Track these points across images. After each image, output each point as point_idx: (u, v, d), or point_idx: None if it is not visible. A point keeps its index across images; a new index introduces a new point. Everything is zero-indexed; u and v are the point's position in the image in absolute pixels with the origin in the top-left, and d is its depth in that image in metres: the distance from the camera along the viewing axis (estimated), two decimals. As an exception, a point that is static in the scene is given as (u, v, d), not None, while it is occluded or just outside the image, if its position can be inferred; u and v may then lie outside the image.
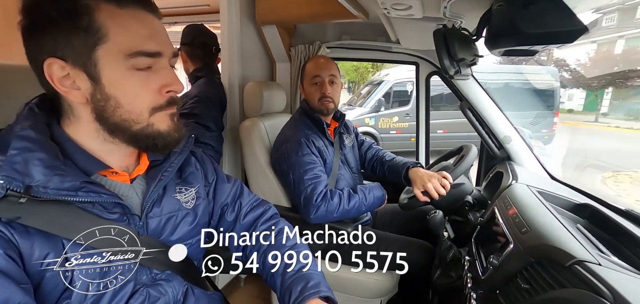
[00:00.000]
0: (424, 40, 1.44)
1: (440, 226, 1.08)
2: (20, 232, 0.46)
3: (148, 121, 0.53)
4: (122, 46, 0.49)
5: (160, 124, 0.55)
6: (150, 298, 0.58)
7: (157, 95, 0.54)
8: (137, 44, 0.50)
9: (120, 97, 0.51)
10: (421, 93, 1.77)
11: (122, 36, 0.49)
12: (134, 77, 0.51)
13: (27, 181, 0.45)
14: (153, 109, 0.53)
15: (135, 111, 0.52)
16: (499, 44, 0.79)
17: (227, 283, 1.77)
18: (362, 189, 1.21)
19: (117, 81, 0.50)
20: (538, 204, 0.91)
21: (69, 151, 0.53)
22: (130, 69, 0.50)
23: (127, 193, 0.59)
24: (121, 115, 0.51)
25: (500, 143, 1.43)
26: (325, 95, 1.30)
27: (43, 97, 0.54)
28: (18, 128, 0.48)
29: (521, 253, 0.75)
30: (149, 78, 0.52)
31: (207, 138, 1.41)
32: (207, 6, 1.99)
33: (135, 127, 0.53)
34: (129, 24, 0.50)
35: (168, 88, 0.54)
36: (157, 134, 0.55)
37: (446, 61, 0.95)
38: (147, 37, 0.51)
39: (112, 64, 0.49)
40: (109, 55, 0.49)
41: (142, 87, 0.52)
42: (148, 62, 0.52)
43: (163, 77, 0.54)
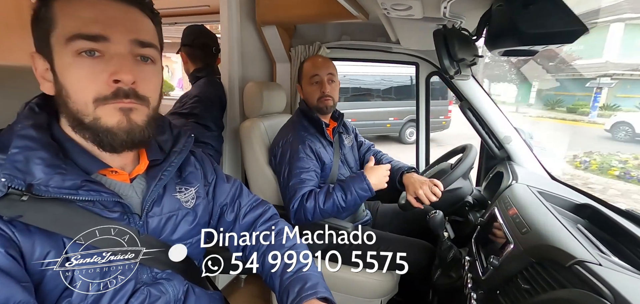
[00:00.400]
0: (424, 41, 1.44)
1: (440, 226, 1.08)
2: (21, 230, 0.46)
3: (94, 113, 0.49)
4: (64, 29, 0.47)
5: (108, 119, 0.50)
6: (151, 296, 0.58)
7: (102, 85, 0.48)
8: (77, 27, 0.47)
9: (67, 86, 0.48)
10: (421, 93, 1.77)
11: (67, 21, 0.47)
12: (79, 65, 0.48)
13: (28, 179, 0.46)
14: (97, 100, 0.49)
15: (80, 102, 0.49)
16: (499, 44, 0.79)
17: (227, 283, 1.77)
18: (342, 187, 1.18)
19: (64, 69, 0.48)
20: (538, 204, 0.91)
21: (69, 150, 0.53)
22: (74, 56, 0.47)
23: (127, 192, 0.59)
24: (71, 106, 0.49)
25: (500, 143, 1.43)
26: (325, 93, 1.30)
27: (44, 97, 0.55)
28: (19, 127, 0.49)
29: (521, 253, 0.75)
30: (96, 66, 0.48)
31: (207, 138, 1.41)
32: (207, 7, 1.99)
33: (85, 120, 0.49)
34: (76, 8, 0.48)
35: (114, 77, 0.48)
36: (103, 130, 0.50)
37: (446, 61, 0.95)
38: (91, 20, 0.47)
39: (60, 50, 0.48)
40: (57, 41, 0.48)
41: (86, 76, 0.48)
42: (89, 46, 0.47)
43: (111, 65, 0.48)
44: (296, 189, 1.18)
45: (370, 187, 1.16)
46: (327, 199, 1.15)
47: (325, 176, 1.30)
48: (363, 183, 1.17)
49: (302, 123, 1.33)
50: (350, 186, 1.16)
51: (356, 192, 1.16)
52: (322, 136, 1.32)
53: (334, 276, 1.17)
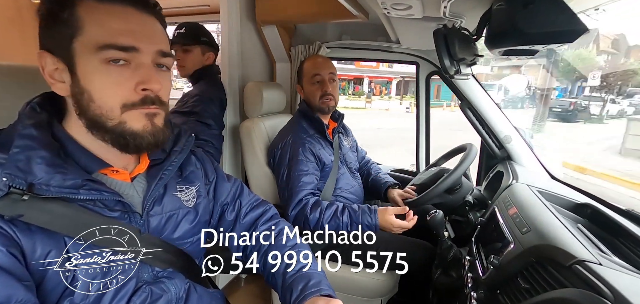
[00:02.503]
0: (424, 40, 1.44)
1: (440, 226, 1.08)
2: (22, 230, 0.46)
3: (120, 118, 0.52)
4: (94, 39, 0.49)
5: (134, 123, 0.53)
6: (153, 295, 0.58)
7: (131, 92, 0.52)
8: (109, 37, 0.49)
9: (92, 91, 0.50)
10: (421, 93, 1.77)
11: (96, 29, 0.49)
12: (107, 72, 0.50)
13: (29, 178, 0.46)
14: (124, 106, 0.51)
15: (106, 107, 0.51)
16: (499, 43, 0.79)
17: (227, 283, 1.77)
18: (350, 216, 1.14)
19: (90, 74, 0.50)
20: (538, 203, 0.91)
21: (70, 149, 0.53)
22: (103, 63, 0.49)
23: (128, 191, 0.59)
24: (94, 110, 0.51)
25: (500, 143, 1.43)
26: (327, 93, 1.30)
27: (44, 96, 0.55)
28: (20, 127, 0.49)
29: (522, 253, 0.75)
30: (124, 74, 0.51)
31: (207, 135, 1.42)
32: (207, 6, 1.99)
33: (109, 123, 0.51)
34: (105, 18, 0.49)
35: (143, 85, 0.52)
36: (130, 133, 0.53)
37: (446, 61, 0.95)
38: (121, 32, 0.50)
39: (86, 56, 0.49)
40: (83, 47, 0.49)
41: (114, 83, 0.50)
42: (121, 55, 0.50)
43: (139, 74, 0.52)
44: (295, 193, 1.17)
45: (377, 227, 1.13)
46: (332, 219, 1.13)
47: (325, 177, 1.30)
48: (372, 222, 1.13)
49: (301, 124, 1.33)
50: (359, 218, 1.13)
51: (361, 225, 1.13)
52: (322, 137, 1.32)
53: (334, 275, 1.17)
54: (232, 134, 1.64)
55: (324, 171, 1.29)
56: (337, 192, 1.33)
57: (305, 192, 1.17)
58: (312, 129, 1.33)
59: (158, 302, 0.59)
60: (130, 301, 0.55)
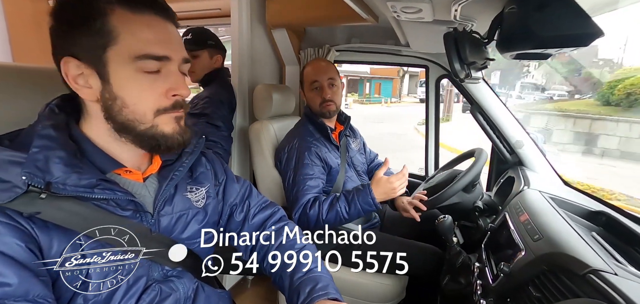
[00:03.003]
0: (433, 44, 1.43)
1: (449, 231, 1.06)
2: (40, 227, 0.47)
3: (152, 122, 0.55)
4: (130, 49, 0.51)
5: (165, 126, 0.56)
6: (162, 293, 0.59)
7: (162, 98, 0.55)
8: (144, 47, 0.52)
9: (126, 97, 0.52)
10: (431, 96, 1.75)
11: (131, 39, 0.51)
12: (141, 79, 0.53)
13: (47, 177, 0.47)
14: (157, 111, 0.55)
15: (139, 112, 0.53)
16: (511, 47, 0.78)
17: (234, 284, 1.78)
18: (346, 198, 1.16)
19: (124, 82, 0.52)
20: (551, 210, 0.89)
21: (86, 150, 0.54)
22: (137, 71, 0.52)
23: (140, 191, 0.60)
24: (126, 115, 0.53)
25: (511, 148, 1.40)
26: (325, 99, 1.30)
27: (63, 98, 0.57)
28: (39, 127, 0.50)
29: (533, 261, 0.73)
30: (156, 81, 0.54)
31: (217, 137, 1.43)
32: (218, 10, 2.01)
33: (140, 127, 0.54)
34: (139, 28, 0.52)
35: (174, 92, 0.56)
36: (161, 136, 0.56)
37: (456, 65, 0.94)
38: (156, 42, 0.53)
39: (121, 65, 0.51)
40: (118, 56, 0.51)
41: (148, 89, 0.53)
42: (155, 65, 0.53)
43: (170, 81, 0.55)
44: (300, 196, 1.18)
45: (375, 201, 1.14)
46: (330, 210, 1.14)
47: (333, 180, 1.30)
48: (368, 197, 1.14)
49: (307, 128, 1.33)
50: (355, 199, 1.14)
51: (360, 205, 1.14)
52: (327, 141, 1.32)
53: (341, 279, 1.16)
54: (241, 136, 1.66)
55: (330, 174, 1.29)
56: (345, 195, 1.32)
57: (310, 196, 1.18)
58: (318, 132, 1.33)
59: (167, 300, 0.60)
60: (140, 299, 0.56)
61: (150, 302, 0.58)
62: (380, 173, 1.18)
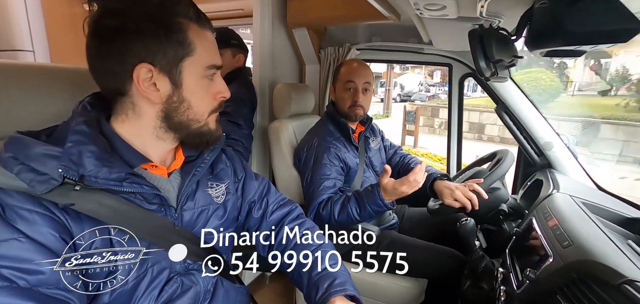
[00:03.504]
0: (457, 41, 1.39)
1: (471, 235, 1.03)
2: (73, 218, 0.50)
3: (206, 120, 0.62)
4: (202, 59, 0.58)
5: (212, 124, 0.64)
6: (183, 286, 0.61)
7: (213, 100, 0.63)
8: (211, 59, 0.60)
9: (192, 100, 0.59)
10: (454, 96, 1.71)
11: (203, 51, 0.58)
12: (204, 85, 0.60)
13: (80, 170, 0.50)
14: (210, 112, 0.63)
15: (200, 112, 0.61)
16: (542, 44, 0.74)
17: (252, 280, 1.81)
18: (357, 201, 1.13)
19: (193, 87, 0.59)
20: (582, 216, 0.85)
21: (116, 145, 0.57)
22: (203, 78, 0.60)
23: (165, 186, 0.63)
24: (188, 115, 0.60)
25: (540, 150, 1.34)
26: (357, 103, 1.28)
27: (95, 96, 0.60)
28: (74, 123, 0.53)
29: (562, 268, 0.70)
30: (211, 86, 0.62)
31: (238, 135, 1.46)
32: (240, 11, 2.06)
33: (195, 125, 0.61)
34: (206, 42, 0.59)
35: (221, 94, 0.64)
36: (208, 132, 0.64)
37: (482, 63, 0.91)
38: (215, 53, 0.62)
39: (193, 73, 0.58)
40: (192, 66, 0.57)
41: (207, 93, 0.61)
42: (214, 73, 0.62)
43: (218, 85, 0.63)
44: (315, 196, 1.18)
45: (384, 203, 1.10)
46: (341, 211, 1.14)
47: (351, 180, 1.29)
48: (376, 198, 1.10)
49: (327, 127, 1.33)
50: (364, 201, 1.12)
51: (369, 207, 1.11)
52: (347, 141, 1.31)
53: (360, 279, 1.16)
54: (261, 134, 1.68)
55: (349, 174, 1.29)
56: (362, 195, 1.31)
57: (325, 196, 1.18)
58: (338, 132, 1.32)
59: (188, 293, 0.62)
60: (163, 290, 0.58)
61: (172, 294, 0.59)
62: (384, 181, 1.09)
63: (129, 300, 0.55)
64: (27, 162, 0.47)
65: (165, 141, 0.62)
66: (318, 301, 0.62)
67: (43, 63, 1.20)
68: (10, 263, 0.43)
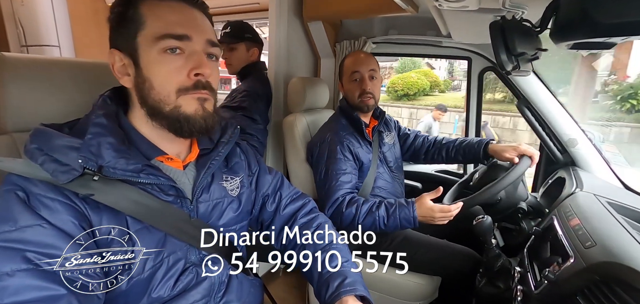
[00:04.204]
0: (478, 34, 1.34)
1: (488, 233, 1.01)
2: (92, 207, 0.52)
3: (175, 102, 0.57)
4: (153, 30, 0.55)
5: (187, 107, 0.58)
6: (198, 277, 0.63)
7: (184, 78, 0.57)
8: (166, 28, 0.55)
9: (152, 78, 0.56)
10: (473, 90, 1.66)
11: (156, 22, 0.55)
12: (165, 60, 0.56)
13: (99, 161, 0.52)
14: (179, 91, 0.57)
15: (164, 92, 0.56)
16: (568, 36, 0.71)
17: (266, 271, 1.85)
18: (387, 209, 1.11)
19: (150, 63, 0.56)
20: (607, 216, 0.81)
21: (133, 138, 0.59)
22: (161, 52, 0.55)
23: (181, 178, 0.64)
24: (154, 96, 0.57)
25: (563, 146, 1.29)
26: (366, 91, 1.27)
27: (114, 90, 0.62)
28: (94, 116, 0.55)
29: (584, 270, 0.67)
30: (177, 61, 0.56)
31: (253, 130, 1.48)
32: (257, 4, 2.06)
33: (166, 108, 0.57)
34: (163, 12, 0.56)
35: (196, 71, 0.57)
36: (184, 117, 0.57)
37: (503, 56, 0.88)
38: (176, 23, 0.56)
39: (147, 47, 0.55)
40: (145, 40, 0.55)
41: (172, 69, 0.56)
42: (176, 44, 0.56)
43: (192, 61, 0.57)
44: (332, 192, 1.17)
45: (416, 220, 1.08)
46: (368, 215, 1.11)
47: (364, 175, 1.28)
48: (410, 215, 1.08)
49: (341, 122, 1.32)
50: (396, 212, 1.09)
51: (399, 220, 1.09)
52: (361, 136, 1.30)
53: (372, 275, 1.15)
54: (276, 128, 1.69)
55: (362, 170, 1.28)
56: (375, 191, 1.30)
57: (343, 192, 1.17)
58: (352, 127, 1.31)
59: (202, 283, 0.63)
60: (179, 280, 0.60)
61: (187, 284, 0.61)
62: (428, 198, 1.10)
63: (145, 288, 0.56)
64: (50, 153, 0.49)
65: (163, 130, 0.59)
66: (328, 300, 0.62)
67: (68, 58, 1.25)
68: (34, 248, 0.45)
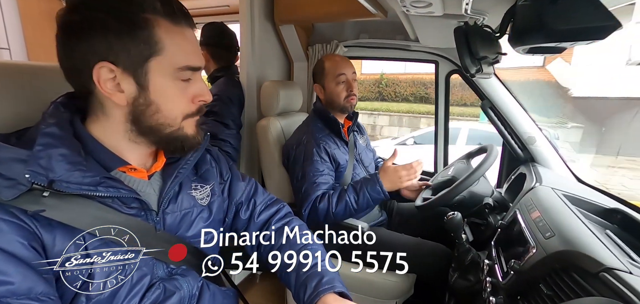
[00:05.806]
0: (443, 38, 1.41)
1: (458, 228, 1.05)
2: (43, 224, 0.48)
3: (179, 125, 0.58)
4: (173, 60, 0.53)
5: (188, 129, 0.59)
6: (166, 292, 0.59)
7: (190, 104, 0.58)
8: (186, 59, 0.55)
9: (161, 103, 0.55)
10: (440, 93, 1.73)
11: (175, 51, 0.53)
12: (176, 87, 0.55)
13: (50, 175, 0.47)
14: (185, 116, 0.58)
15: (171, 116, 0.56)
16: (524, 40, 0.76)
17: (242, 280, 1.80)
18: (354, 189, 1.17)
19: (162, 89, 0.54)
20: (564, 207, 0.88)
21: (91, 148, 0.54)
22: (174, 80, 0.55)
23: (145, 189, 0.60)
24: (158, 119, 0.56)
25: (523, 144, 1.38)
26: (352, 92, 1.31)
27: (69, 96, 0.57)
28: (43, 125, 0.50)
29: (545, 259, 0.72)
30: (187, 88, 0.57)
31: (225, 135, 1.44)
32: (226, 6, 2.03)
33: (167, 130, 0.57)
34: (180, 40, 0.54)
35: (200, 98, 0.59)
36: (184, 137, 0.59)
37: (467, 59, 0.93)
38: (192, 53, 0.56)
39: (162, 74, 0.53)
40: (161, 66, 0.53)
41: (181, 96, 0.56)
42: (190, 75, 0.57)
43: (197, 88, 0.58)
44: (310, 193, 1.18)
45: (383, 190, 1.14)
46: (339, 202, 1.15)
47: (340, 176, 1.30)
48: (376, 186, 1.15)
49: (316, 124, 1.33)
50: (363, 188, 1.15)
51: (368, 195, 1.14)
52: (337, 137, 1.32)
53: (348, 275, 1.16)
54: (249, 132, 1.67)
55: (338, 171, 1.29)
56: (353, 192, 1.32)
57: (320, 193, 1.18)
58: (327, 128, 1.32)
59: (171, 299, 0.60)
60: (144, 297, 0.56)
61: (154, 300, 0.57)
62: (389, 163, 1.20)
63: None
64: None
65: (140, 145, 0.58)
66: (307, 301, 0.62)
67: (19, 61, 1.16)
68: None
